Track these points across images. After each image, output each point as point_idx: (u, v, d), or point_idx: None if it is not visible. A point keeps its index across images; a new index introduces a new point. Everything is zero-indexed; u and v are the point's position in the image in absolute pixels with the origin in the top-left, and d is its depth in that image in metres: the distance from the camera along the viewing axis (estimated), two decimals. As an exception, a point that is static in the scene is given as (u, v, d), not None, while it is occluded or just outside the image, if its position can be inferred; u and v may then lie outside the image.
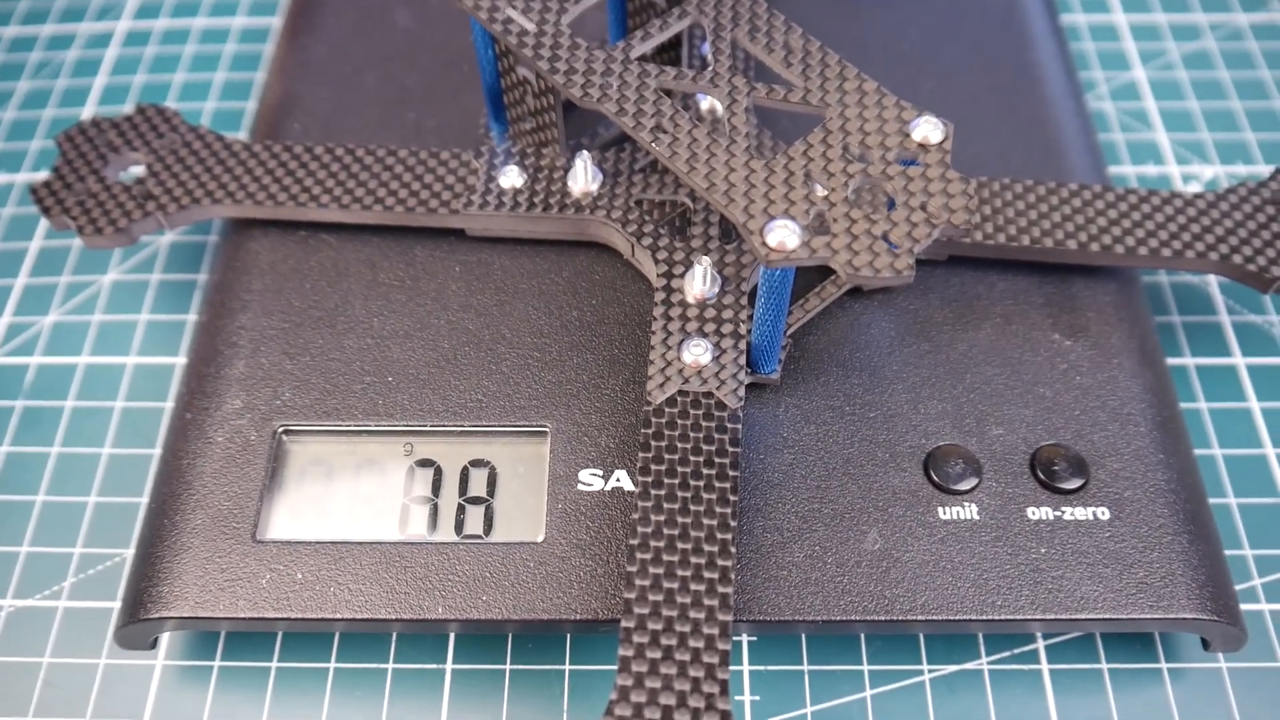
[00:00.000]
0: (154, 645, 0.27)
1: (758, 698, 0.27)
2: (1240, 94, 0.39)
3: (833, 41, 0.31)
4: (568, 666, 0.27)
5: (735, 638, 0.27)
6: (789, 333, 0.29)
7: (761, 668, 0.27)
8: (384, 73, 0.35)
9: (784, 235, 0.23)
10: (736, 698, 0.27)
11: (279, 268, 0.30)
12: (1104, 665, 0.27)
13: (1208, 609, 0.25)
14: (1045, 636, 0.27)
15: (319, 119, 0.34)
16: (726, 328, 0.27)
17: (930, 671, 0.27)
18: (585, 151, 0.30)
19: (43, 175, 0.37)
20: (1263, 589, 0.28)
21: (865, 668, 0.27)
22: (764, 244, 0.23)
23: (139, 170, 0.31)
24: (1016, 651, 0.27)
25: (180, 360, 0.32)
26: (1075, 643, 0.27)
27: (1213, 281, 0.34)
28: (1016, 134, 0.33)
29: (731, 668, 0.27)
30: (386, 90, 0.34)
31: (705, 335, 0.27)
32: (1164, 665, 0.27)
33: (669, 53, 0.31)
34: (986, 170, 0.32)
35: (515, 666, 0.27)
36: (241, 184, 0.31)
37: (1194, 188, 0.36)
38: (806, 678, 0.27)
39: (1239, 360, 0.32)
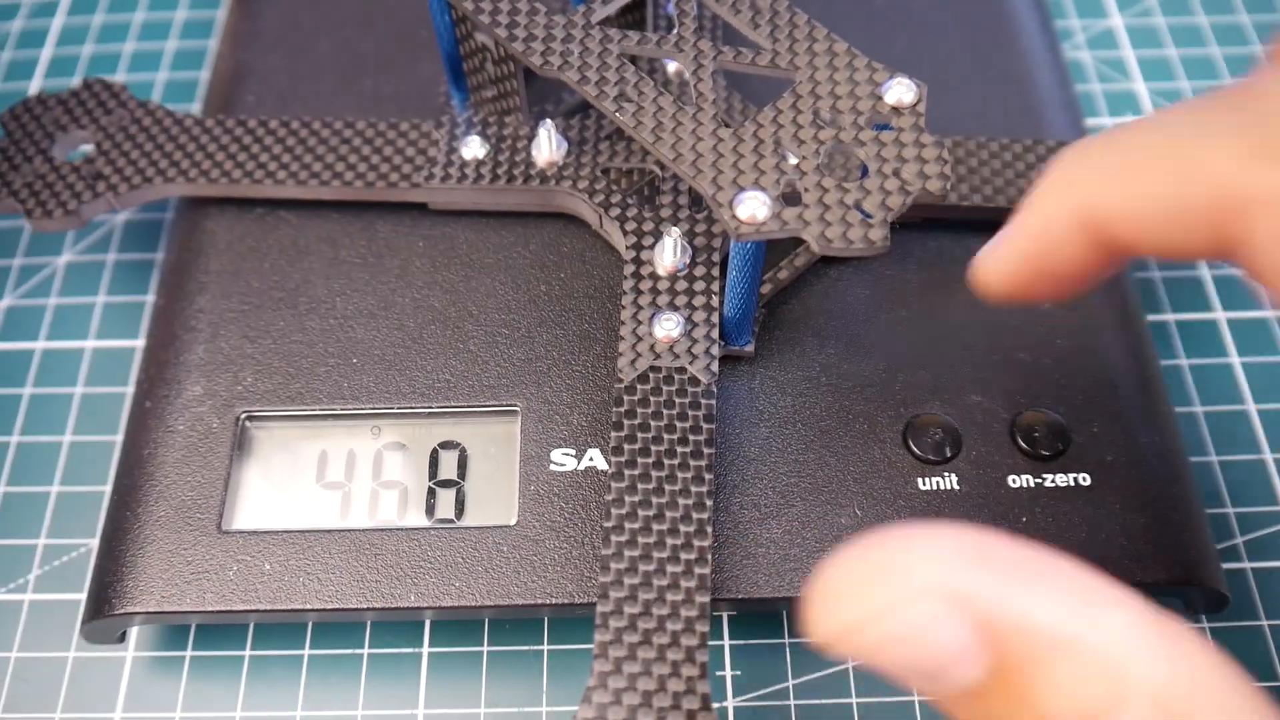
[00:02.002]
0: (122, 639, 0.26)
1: (738, 672, 0.27)
2: (1220, 40, 0.38)
3: (802, -3, 0.30)
4: (546, 647, 0.27)
5: (714, 615, 0.27)
6: (762, 303, 0.28)
7: (742, 642, 0.27)
8: (339, 39, 0.34)
9: (754, 207, 0.22)
10: (717, 673, 0.26)
11: (236, 247, 0.29)
12: (1086, 629, 0.27)
13: (1190, 573, 0.25)
14: (1027, 602, 0.27)
15: (273, 89, 0.33)
16: (698, 300, 0.26)
17: (912, 640, 0.27)
18: (549, 120, 0.29)
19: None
20: (1244, 547, 0.28)
21: (847, 639, 0.27)
22: (734, 217, 0.22)
23: (88, 149, 0.30)
24: (998, 618, 0.27)
25: (140, 343, 0.32)
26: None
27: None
28: (992, 89, 0.32)
29: (711, 643, 0.27)
30: (342, 57, 0.33)
31: (676, 309, 0.26)
32: (1146, 627, 0.27)
33: (633, 14, 0.30)
34: (962, 128, 0.31)
35: (493, 648, 0.27)
36: (194, 161, 0.29)
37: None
38: (787, 651, 0.27)
39: (1220, 315, 0.32)
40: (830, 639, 0.16)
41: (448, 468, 0.27)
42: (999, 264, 0.22)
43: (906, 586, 0.14)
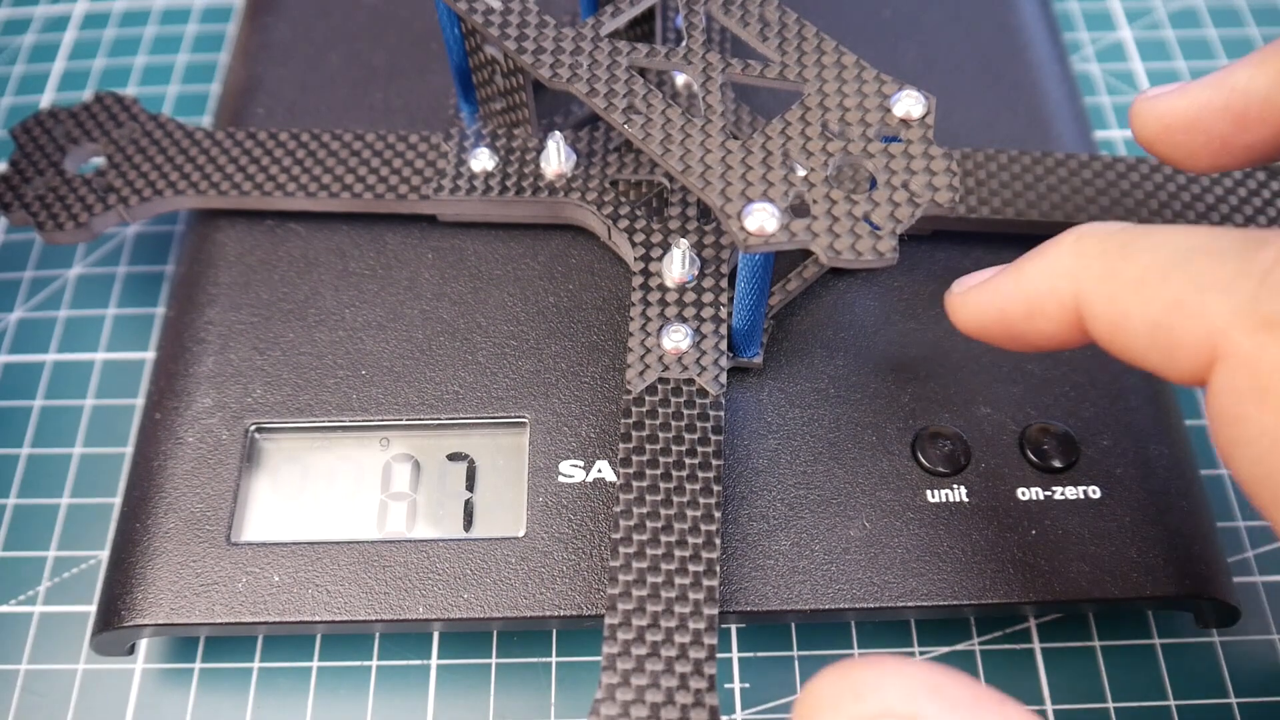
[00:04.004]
0: (131, 651, 0.26)
1: (747, 685, 0.26)
2: (1228, 53, 0.38)
3: (810, 8, 0.30)
4: (554, 659, 0.27)
5: (723, 627, 0.27)
6: (770, 314, 0.28)
7: (751, 654, 0.27)
8: (349, 52, 0.34)
9: (763, 219, 0.22)
10: (726, 685, 0.26)
11: (246, 259, 0.30)
12: (1097, 643, 0.27)
13: (1201, 586, 0.25)
14: (1037, 615, 0.27)
15: (283, 101, 0.33)
16: (707, 312, 0.26)
17: (922, 653, 0.27)
18: (558, 131, 0.29)
19: (0, 168, 0.36)
20: (1255, 561, 0.28)
21: (856, 652, 0.27)
22: (742, 229, 0.22)
23: (99, 162, 0.30)
24: (1009, 631, 0.27)
25: (150, 355, 0.32)
26: (1068, 621, 0.27)
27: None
28: (1001, 101, 0.32)
29: (720, 655, 0.27)
30: (352, 70, 0.33)
31: (685, 320, 0.26)
32: (1157, 641, 0.27)
33: (642, 27, 0.30)
34: (971, 139, 0.31)
35: (501, 660, 0.27)
36: (205, 174, 0.30)
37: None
38: (796, 664, 0.27)
39: None
40: None
41: (456, 479, 0.27)
42: (973, 306, 0.23)
43: (875, 705, 0.17)
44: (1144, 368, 0.20)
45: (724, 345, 0.26)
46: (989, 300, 0.23)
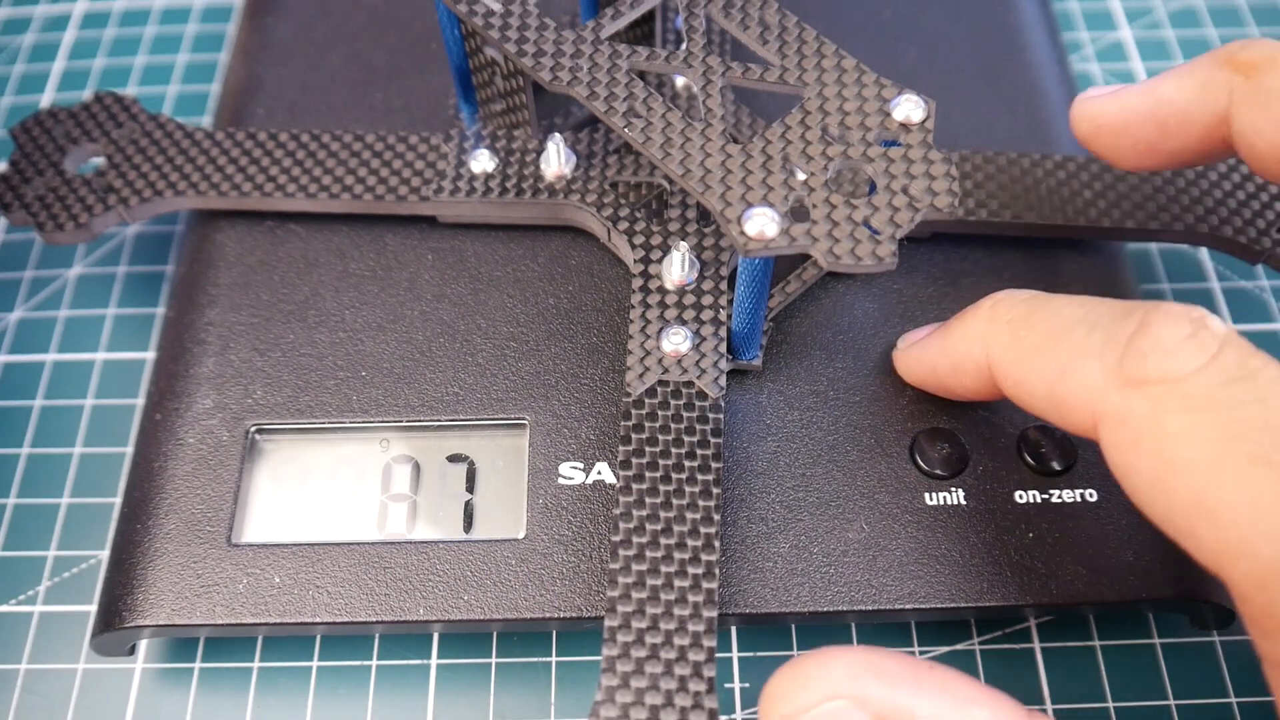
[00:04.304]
0: (132, 651, 0.26)
1: (747, 685, 0.27)
2: (1228, 53, 0.38)
3: (810, 9, 0.30)
4: (554, 659, 0.27)
5: (722, 629, 0.27)
6: (769, 317, 0.28)
7: (750, 654, 0.27)
8: (349, 51, 0.34)
9: (763, 224, 0.22)
10: (725, 685, 0.26)
11: (246, 260, 0.30)
12: (1096, 643, 0.27)
13: (1197, 589, 0.25)
14: (1035, 617, 0.27)
15: (283, 102, 0.33)
16: (706, 314, 0.26)
17: (921, 653, 0.27)
18: (558, 133, 0.29)
19: (0, 168, 0.36)
20: (1253, 562, 0.28)
21: (854, 653, 0.27)
22: (742, 233, 0.22)
23: (99, 162, 0.30)
24: (1008, 631, 0.27)
25: (150, 355, 0.32)
26: (1067, 621, 0.27)
27: (1203, 248, 0.33)
28: (1000, 102, 0.32)
29: (720, 655, 0.27)
30: (352, 71, 0.33)
31: (684, 323, 0.26)
32: (1157, 641, 0.27)
33: (642, 29, 0.30)
34: (970, 142, 0.31)
35: (501, 660, 0.27)
36: (205, 174, 0.30)
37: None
38: (795, 665, 0.27)
39: (1230, 327, 0.32)
40: None
41: (456, 481, 0.27)
42: (910, 362, 0.27)
43: (822, 689, 0.19)
44: (1047, 421, 0.22)
45: (723, 348, 0.26)
46: (920, 358, 0.26)
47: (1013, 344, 0.22)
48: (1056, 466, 0.26)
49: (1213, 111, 0.23)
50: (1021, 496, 0.26)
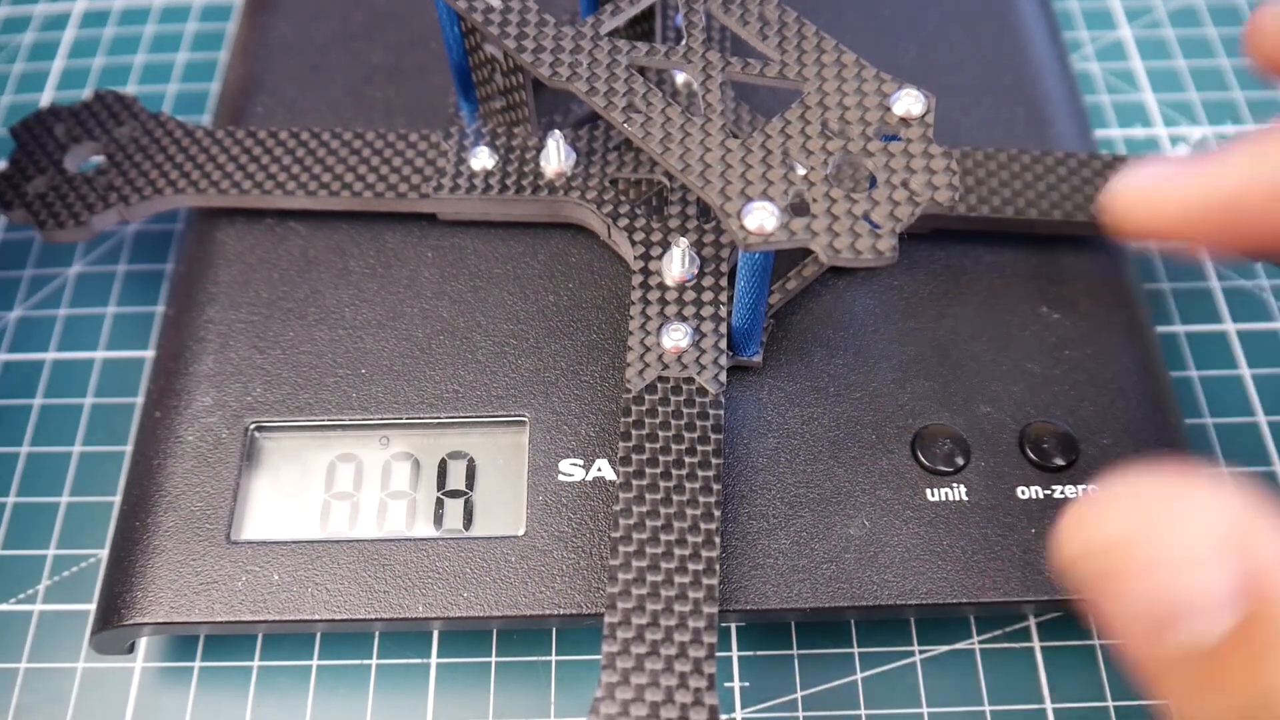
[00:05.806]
0: (131, 650, 0.26)
1: (747, 684, 0.26)
2: (1228, 51, 0.38)
3: (810, 7, 0.30)
4: (554, 657, 0.27)
5: (722, 626, 0.27)
6: (770, 313, 0.28)
7: (750, 653, 0.27)
8: (348, 51, 0.34)
9: (762, 218, 0.22)
10: (725, 684, 0.26)
11: (246, 258, 0.30)
12: (1096, 641, 0.27)
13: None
14: (1036, 614, 0.27)
15: (283, 100, 0.33)
16: (706, 310, 0.26)
17: (921, 652, 0.27)
18: (558, 130, 0.29)
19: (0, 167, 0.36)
20: (1255, 559, 0.28)
21: (855, 650, 0.27)
22: (742, 227, 0.22)
23: (99, 160, 0.30)
24: (1008, 630, 0.27)
25: (150, 354, 0.32)
26: (1068, 619, 0.27)
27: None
28: (1001, 100, 0.32)
29: (720, 654, 0.27)
30: (351, 69, 0.33)
31: (685, 319, 0.26)
32: (1157, 639, 0.27)
33: (641, 25, 0.30)
34: (971, 138, 0.31)
35: (501, 659, 0.27)
36: (205, 172, 0.30)
37: (1182, 150, 0.35)
38: (796, 662, 0.27)
39: (1230, 326, 0.32)
40: (1086, 551, 0.15)
41: (456, 478, 0.27)
42: (1189, 195, 0.21)
43: (1190, 519, 0.13)
44: None
45: (724, 344, 0.26)
46: (1213, 185, 0.19)
47: None
48: (1059, 462, 0.26)
49: None
50: (1023, 492, 0.26)
